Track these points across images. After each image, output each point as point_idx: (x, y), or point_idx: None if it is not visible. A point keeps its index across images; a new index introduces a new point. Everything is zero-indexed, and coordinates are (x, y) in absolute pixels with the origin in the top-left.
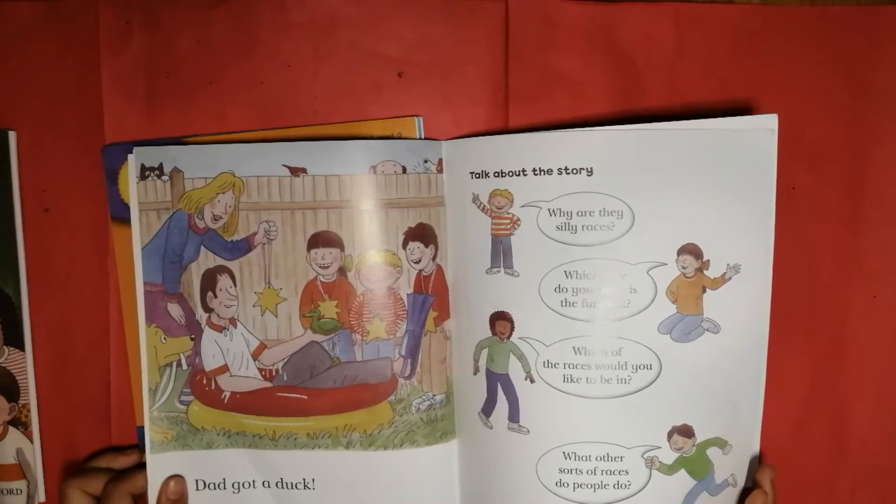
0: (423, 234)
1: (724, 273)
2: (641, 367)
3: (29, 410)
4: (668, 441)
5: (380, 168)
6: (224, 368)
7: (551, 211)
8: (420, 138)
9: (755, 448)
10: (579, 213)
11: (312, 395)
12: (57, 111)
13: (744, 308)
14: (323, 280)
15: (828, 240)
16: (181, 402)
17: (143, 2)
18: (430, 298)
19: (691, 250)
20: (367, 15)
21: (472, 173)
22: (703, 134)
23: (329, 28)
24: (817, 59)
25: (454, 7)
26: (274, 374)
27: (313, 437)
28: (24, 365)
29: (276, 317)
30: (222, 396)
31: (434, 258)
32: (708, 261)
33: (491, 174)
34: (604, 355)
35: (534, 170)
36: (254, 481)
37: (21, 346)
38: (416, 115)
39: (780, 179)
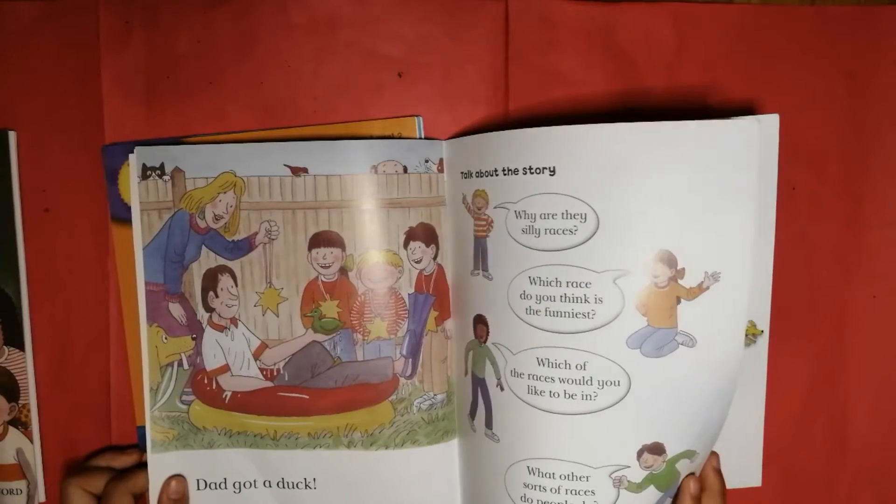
0: (424, 234)
1: (702, 282)
2: (608, 383)
3: (29, 410)
4: (638, 460)
5: (381, 168)
6: (225, 368)
7: (517, 213)
8: (420, 138)
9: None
10: (542, 216)
11: (314, 394)
12: (57, 111)
13: (722, 319)
14: (324, 280)
15: (828, 240)
16: (182, 402)
17: (143, 2)
18: (430, 298)
19: (664, 258)
20: (367, 15)
21: (462, 173)
22: (676, 133)
23: (329, 28)
24: (817, 59)
25: (454, 7)
26: (275, 373)
27: (314, 437)
28: (24, 365)
29: (278, 316)
30: (223, 396)
31: (435, 258)
32: (683, 269)
33: (473, 174)
34: (567, 369)
35: (503, 169)
36: (255, 481)
37: (21, 346)
38: (416, 115)
39: (780, 179)
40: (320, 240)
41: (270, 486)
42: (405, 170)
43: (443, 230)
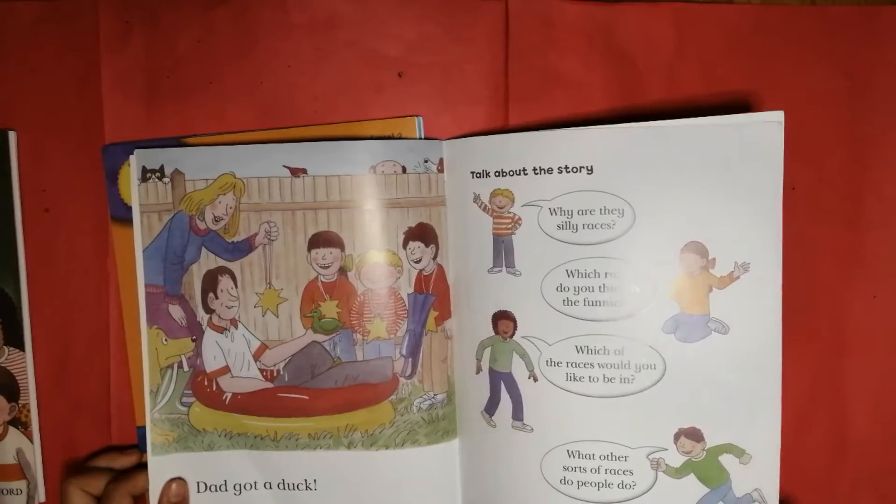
0: (423, 234)
1: (732, 272)
2: (645, 366)
3: (29, 410)
4: (675, 443)
5: (380, 168)
6: (225, 369)
7: (552, 210)
8: (420, 138)
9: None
10: (580, 212)
11: (314, 395)
12: (57, 111)
13: (754, 308)
14: (324, 280)
15: (828, 240)
16: (182, 404)
17: (143, 2)
18: (430, 298)
19: (695, 248)
20: (367, 15)
21: (472, 173)
22: (705, 130)
23: (329, 28)
24: (817, 59)
25: (454, 7)
26: (275, 374)
27: (315, 438)
28: (24, 365)
29: (277, 317)
30: (223, 398)
31: (435, 258)
32: (714, 259)
33: (492, 174)
34: (606, 354)
35: (534, 169)
36: (255, 483)
37: (21, 346)
38: (417, 115)
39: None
40: (320, 240)
41: (271, 487)
42: (404, 170)
43: (443, 230)
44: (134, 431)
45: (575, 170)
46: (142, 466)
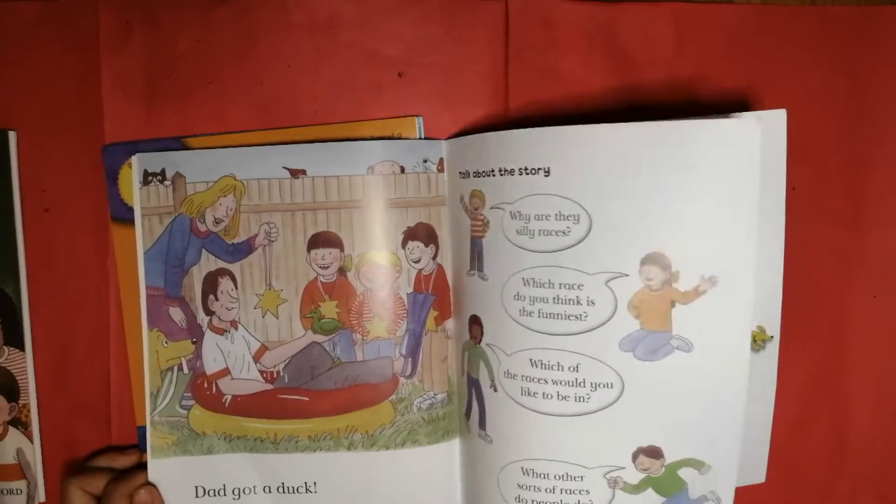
0: (422, 234)
1: (698, 286)
2: (601, 385)
3: (29, 410)
4: (634, 462)
5: (378, 168)
6: (225, 371)
7: (512, 214)
8: (420, 138)
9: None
10: (536, 217)
11: (314, 396)
12: (57, 111)
13: (721, 325)
14: (323, 280)
15: (828, 240)
16: (182, 407)
17: (143, 2)
18: (430, 298)
19: (657, 260)
20: (367, 15)
21: (459, 173)
22: (669, 132)
23: (329, 28)
24: (817, 59)
25: (454, 7)
26: (275, 375)
27: (315, 439)
28: (24, 365)
29: (277, 318)
30: (223, 400)
31: (434, 258)
32: (677, 272)
33: (471, 174)
34: (560, 371)
35: (500, 170)
36: (255, 486)
37: (21, 346)
38: (416, 115)
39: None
40: (319, 240)
41: (270, 490)
42: (402, 170)
43: (443, 230)
44: (134, 431)
45: (533, 171)
46: (142, 466)
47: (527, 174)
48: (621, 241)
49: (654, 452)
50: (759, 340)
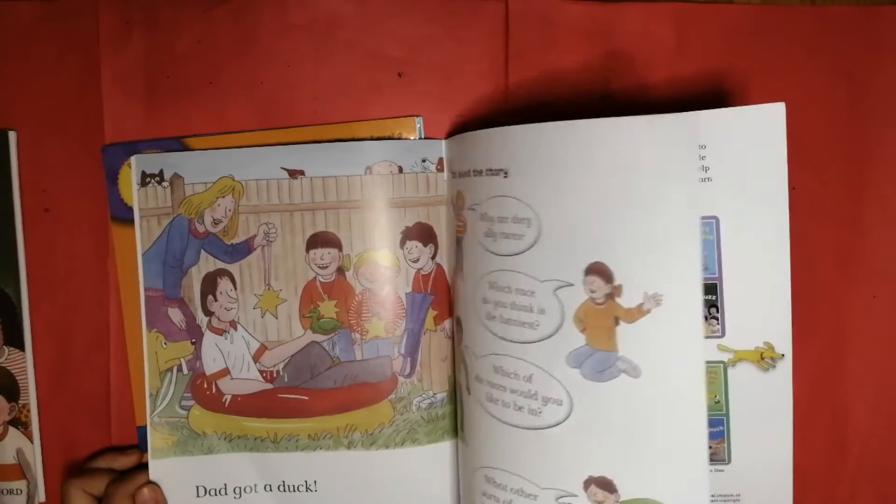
0: (421, 234)
1: (642, 303)
2: (551, 400)
3: (29, 410)
4: (585, 491)
5: (376, 168)
6: (225, 372)
7: (482, 215)
8: (420, 138)
9: None
10: (499, 219)
11: (313, 395)
12: (57, 111)
13: (669, 350)
14: (322, 280)
15: (828, 240)
16: (182, 408)
17: (143, 2)
18: (428, 297)
19: (599, 271)
20: (367, 15)
21: (451, 172)
22: (613, 131)
23: (329, 28)
24: (817, 59)
25: (454, 7)
26: (275, 375)
27: (315, 438)
28: (24, 365)
29: (277, 318)
30: (223, 400)
31: (433, 257)
32: (620, 286)
33: (457, 174)
34: (516, 379)
35: (473, 170)
36: (255, 485)
37: (21, 346)
38: (416, 115)
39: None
40: (318, 240)
41: (271, 489)
42: (401, 170)
43: (441, 230)
44: (134, 431)
45: (494, 172)
46: (142, 467)
47: (490, 175)
48: (567, 248)
49: (606, 485)
50: (766, 358)
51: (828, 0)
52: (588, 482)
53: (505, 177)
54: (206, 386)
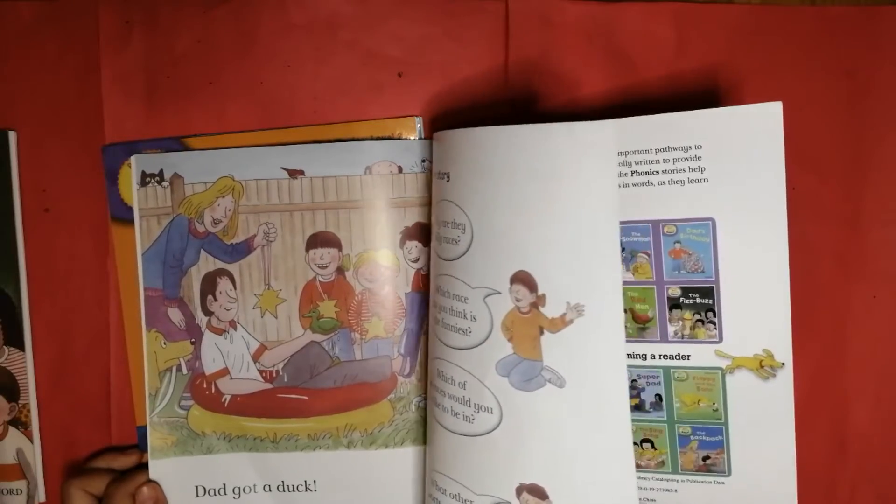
0: (420, 234)
1: (564, 314)
2: (482, 408)
3: (29, 410)
4: (518, 498)
5: (376, 168)
6: (224, 372)
7: (435, 218)
8: (420, 138)
9: None
10: (443, 223)
11: (313, 395)
12: (57, 111)
13: (592, 361)
14: (322, 280)
15: (828, 240)
16: (181, 407)
17: (143, 2)
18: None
19: (524, 279)
20: (367, 15)
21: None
22: (540, 136)
23: (329, 28)
24: (817, 59)
25: (454, 7)
26: (274, 375)
27: (314, 438)
28: (24, 365)
29: (276, 318)
30: (223, 400)
31: None
32: (543, 295)
33: (434, 175)
34: (453, 385)
35: (438, 173)
36: (255, 485)
37: (21, 346)
38: (416, 116)
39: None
40: (317, 240)
41: (270, 489)
42: (400, 170)
43: None
44: (134, 431)
45: (441, 176)
46: (143, 467)
47: (439, 179)
48: (496, 256)
49: (538, 492)
50: (766, 367)
51: (828, 0)
52: (520, 489)
53: (447, 181)
54: (205, 386)
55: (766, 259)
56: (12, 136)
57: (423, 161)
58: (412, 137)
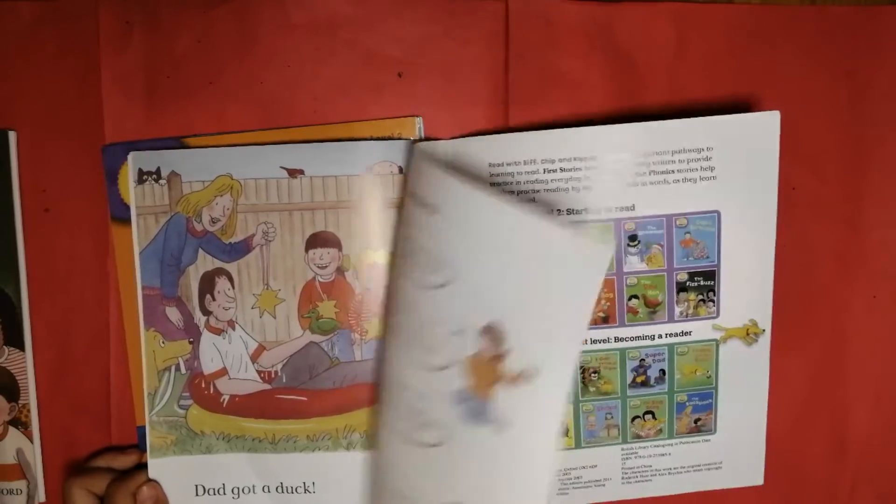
0: None
1: (521, 371)
2: (435, 424)
3: (29, 410)
4: None
5: (376, 168)
6: (223, 372)
7: (411, 237)
8: (420, 138)
9: None
10: (423, 251)
11: (312, 396)
12: (57, 111)
13: (538, 413)
14: (321, 280)
15: (828, 240)
16: (180, 407)
17: (143, 2)
18: None
19: (492, 332)
20: (367, 15)
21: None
22: (557, 239)
23: (329, 28)
24: (817, 59)
25: (454, 7)
26: (273, 375)
27: (313, 440)
28: (24, 365)
29: (275, 318)
30: (221, 400)
31: None
32: (507, 351)
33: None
34: (420, 399)
35: (422, 200)
36: (254, 486)
37: (21, 346)
38: (416, 116)
39: (780, 179)
40: (317, 240)
41: (269, 490)
42: (400, 170)
43: None
44: (134, 431)
45: (425, 205)
46: (142, 466)
47: (423, 207)
48: (471, 301)
49: None
50: (751, 334)
51: (828, 0)
52: None
53: (436, 215)
54: (204, 386)
55: (757, 245)
56: (12, 136)
57: None
58: (412, 137)
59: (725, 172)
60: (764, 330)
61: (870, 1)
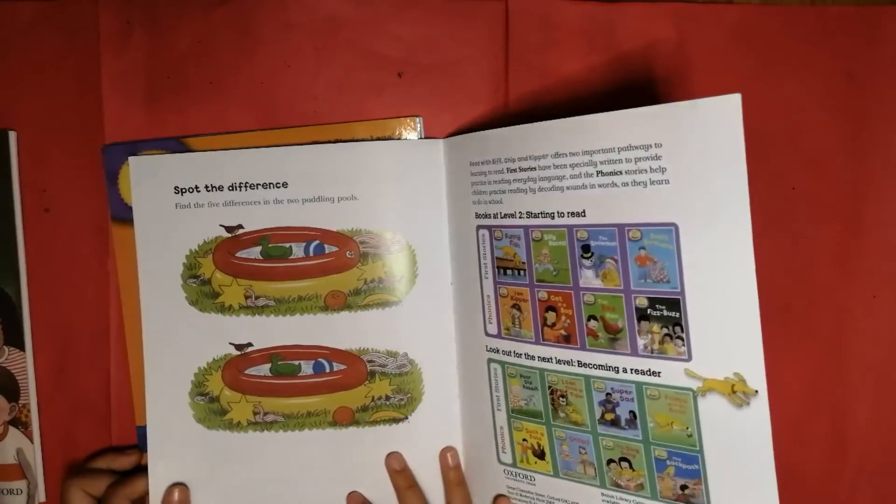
0: None
1: None
2: None
3: (29, 410)
4: None
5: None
6: None
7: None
8: (420, 138)
9: None
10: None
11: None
12: (57, 111)
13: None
14: None
15: (828, 240)
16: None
17: (143, 2)
18: None
19: None
20: (367, 15)
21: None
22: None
23: (329, 28)
24: (817, 59)
25: (454, 7)
26: None
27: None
28: (24, 365)
29: None
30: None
31: None
32: None
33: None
34: None
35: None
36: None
37: (21, 346)
38: (416, 115)
39: (780, 179)
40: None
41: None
42: None
43: None
44: (134, 431)
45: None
46: (142, 470)
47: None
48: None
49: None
50: (738, 392)
51: (828, 0)
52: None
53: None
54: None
55: (731, 271)
56: (12, 136)
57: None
58: (412, 137)
59: (680, 174)
60: (757, 391)
61: (870, 1)
